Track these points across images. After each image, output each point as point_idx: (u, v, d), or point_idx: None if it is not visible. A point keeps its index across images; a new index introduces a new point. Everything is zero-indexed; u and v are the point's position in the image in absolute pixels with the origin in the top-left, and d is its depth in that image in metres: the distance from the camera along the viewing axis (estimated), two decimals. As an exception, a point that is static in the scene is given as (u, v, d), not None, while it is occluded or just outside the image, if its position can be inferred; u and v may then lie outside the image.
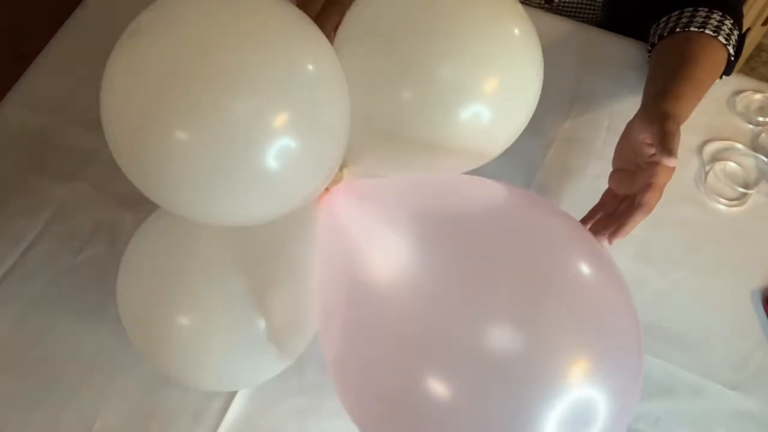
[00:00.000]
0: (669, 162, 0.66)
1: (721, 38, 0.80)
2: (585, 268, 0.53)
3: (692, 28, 0.80)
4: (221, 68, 0.48)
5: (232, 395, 0.73)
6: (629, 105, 0.90)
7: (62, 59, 0.95)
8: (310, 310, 0.63)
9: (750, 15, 1.39)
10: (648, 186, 0.67)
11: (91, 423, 0.72)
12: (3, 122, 0.89)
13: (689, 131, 0.89)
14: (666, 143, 0.67)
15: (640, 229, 0.83)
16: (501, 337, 0.48)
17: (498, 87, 0.59)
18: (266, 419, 0.73)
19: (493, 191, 0.59)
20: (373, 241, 0.55)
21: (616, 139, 0.76)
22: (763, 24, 1.42)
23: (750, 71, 1.66)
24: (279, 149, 0.49)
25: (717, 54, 0.81)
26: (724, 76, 0.85)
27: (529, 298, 0.50)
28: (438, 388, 0.49)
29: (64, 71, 0.93)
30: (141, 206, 0.83)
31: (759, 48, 1.62)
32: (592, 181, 0.85)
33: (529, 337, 0.48)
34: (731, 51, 0.82)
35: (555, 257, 0.53)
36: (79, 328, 0.77)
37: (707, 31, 0.80)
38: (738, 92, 0.91)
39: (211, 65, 0.48)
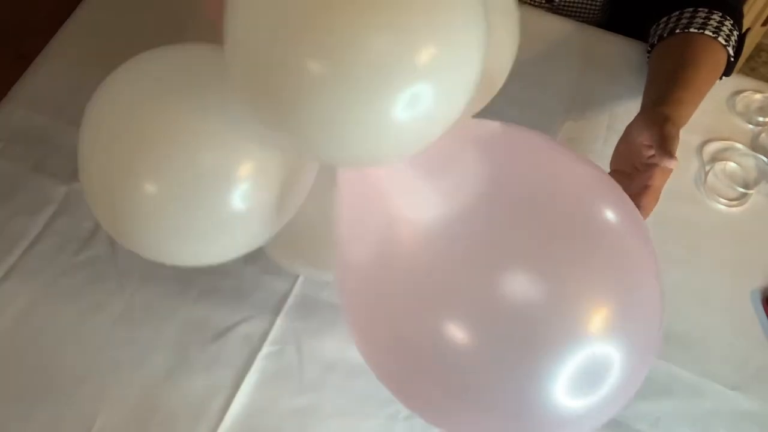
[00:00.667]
0: (669, 164, 0.66)
1: (720, 39, 0.80)
2: (610, 218, 0.52)
3: (692, 29, 0.80)
4: None
5: (232, 395, 0.73)
6: (629, 105, 0.90)
7: (62, 59, 0.95)
8: (288, 196, 0.58)
9: (750, 15, 1.39)
10: (645, 188, 0.67)
11: (91, 423, 0.72)
12: (3, 122, 0.89)
13: (689, 131, 0.90)
14: (665, 146, 0.67)
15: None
16: (521, 284, 0.47)
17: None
18: (266, 419, 0.73)
19: (520, 135, 0.58)
20: (406, 183, 0.54)
21: (616, 139, 0.76)
22: (763, 24, 1.42)
23: (750, 71, 1.66)
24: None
25: (717, 55, 0.81)
26: (724, 77, 0.85)
27: (553, 245, 0.49)
28: (455, 332, 0.48)
29: (64, 71, 0.93)
30: (141, 206, 0.83)
31: (759, 48, 1.62)
32: (592, 181, 0.85)
33: (550, 286, 0.48)
34: (731, 52, 0.81)
35: (580, 206, 0.52)
36: (79, 328, 0.77)
37: (707, 32, 0.80)
38: (738, 92, 0.91)
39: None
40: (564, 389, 0.48)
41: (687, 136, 0.89)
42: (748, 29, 0.85)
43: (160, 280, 0.79)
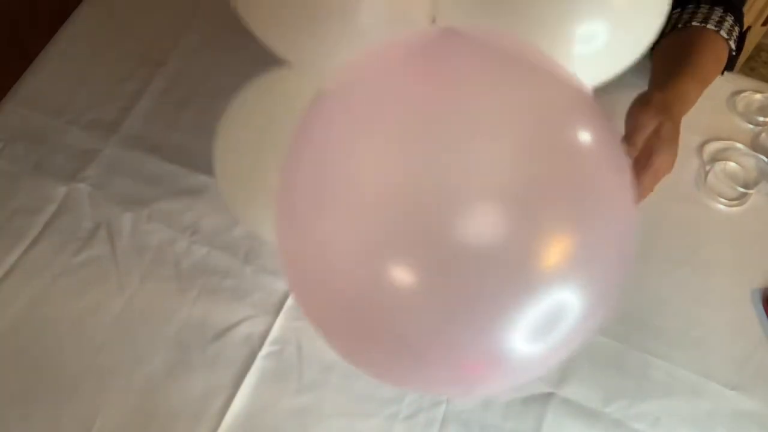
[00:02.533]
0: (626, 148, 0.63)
1: (723, 33, 0.80)
2: (581, 144, 0.46)
3: (694, 23, 0.81)
4: None
5: (232, 395, 0.73)
6: (629, 105, 0.90)
7: (62, 59, 0.95)
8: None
9: (750, 15, 1.39)
10: (645, 167, 0.65)
11: (91, 423, 0.72)
12: (3, 122, 0.89)
13: (689, 131, 0.90)
14: (631, 135, 0.65)
15: (640, 229, 0.83)
16: (479, 221, 0.42)
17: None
18: (266, 419, 0.73)
19: (486, 41, 0.50)
20: (354, 112, 0.48)
21: (616, 139, 0.76)
22: (763, 24, 1.42)
23: (750, 71, 1.66)
24: None
25: (719, 47, 0.81)
26: (725, 72, 0.85)
27: (517, 175, 0.43)
28: (404, 275, 0.43)
29: (64, 71, 0.93)
30: (141, 206, 0.83)
31: (759, 48, 1.62)
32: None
33: (506, 222, 0.42)
34: (732, 45, 0.82)
35: (546, 126, 0.45)
36: (79, 328, 0.77)
37: (709, 26, 0.80)
38: (738, 92, 0.91)
39: None
40: (519, 334, 0.44)
41: (687, 136, 0.89)
42: (749, 27, 0.85)
43: (160, 280, 0.79)
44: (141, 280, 0.79)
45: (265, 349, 0.76)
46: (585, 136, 0.46)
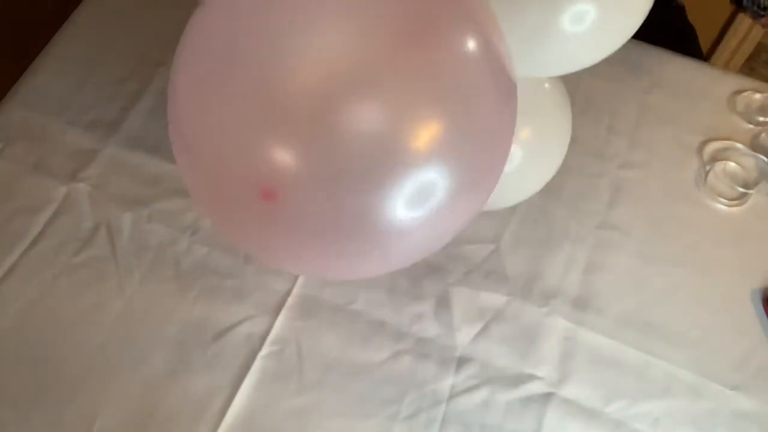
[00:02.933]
0: None
1: None
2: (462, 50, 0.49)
3: None
4: None
5: (232, 395, 0.73)
6: (629, 105, 0.90)
7: (62, 59, 0.95)
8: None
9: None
10: None
11: (91, 423, 0.72)
12: (3, 122, 0.89)
13: (689, 131, 0.90)
14: None
15: (640, 229, 0.83)
16: (356, 110, 0.46)
17: None
18: (266, 419, 0.73)
19: None
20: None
21: (617, 139, 0.76)
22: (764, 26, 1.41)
23: (750, 71, 1.66)
24: None
25: None
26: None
27: (391, 69, 0.47)
28: (289, 156, 0.47)
29: (64, 71, 0.93)
30: (141, 206, 0.83)
31: (759, 48, 1.62)
32: (591, 180, 0.85)
33: (381, 110, 0.46)
34: None
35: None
36: (79, 328, 0.77)
37: None
38: (738, 92, 0.91)
39: None
40: (395, 204, 0.48)
41: (687, 136, 0.89)
42: None
43: (160, 280, 0.79)
44: (141, 280, 0.79)
45: (265, 349, 0.76)
46: (465, 43, 0.50)
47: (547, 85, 0.72)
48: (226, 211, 0.54)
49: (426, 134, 0.47)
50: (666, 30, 1.10)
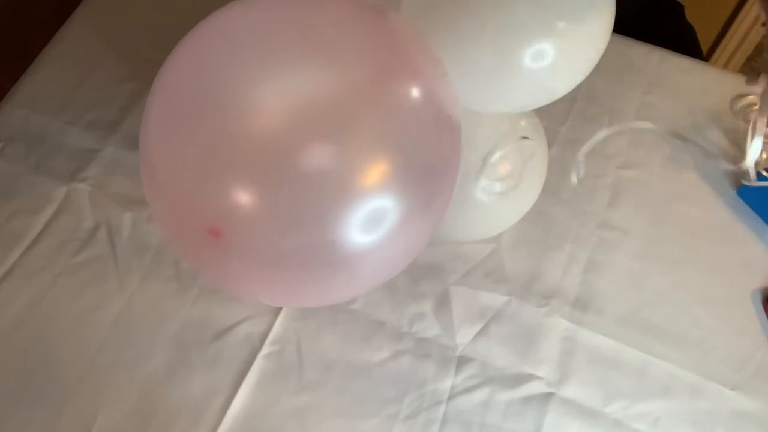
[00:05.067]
0: None
1: None
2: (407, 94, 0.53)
3: None
4: None
5: (232, 395, 0.73)
6: (629, 105, 0.90)
7: (62, 59, 0.95)
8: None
9: (750, 15, 1.39)
10: None
11: (91, 423, 0.72)
12: (3, 122, 0.89)
13: (690, 130, 0.90)
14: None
15: (640, 229, 0.83)
16: (311, 150, 0.49)
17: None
18: (266, 419, 0.73)
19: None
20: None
21: (617, 139, 0.76)
22: (763, 24, 1.42)
23: (750, 71, 1.66)
24: None
25: None
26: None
27: (340, 112, 0.51)
28: (245, 194, 0.50)
29: (64, 71, 0.93)
30: (141, 206, 0.83)
31: (759, 48, 1.62)
32: (591, 181, 0.85)
33: (334, 148, 0.50)
34: None
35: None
36: (79, 328, 0.77)
37: None
38: (739, 96, 0.91)
39: None
40: (349, 231, 0.51)
41: (686, 137, 0.89)
42: None
43: (160, 280, 0.79)
44: (141, 280, 0.79)
45: (265, 349, 0.76)
46: (409, 92, 0.54)
47: (523, 122, 0.74)
48: (184, 245, 0.58)
49: (375, 170, 0.51)
50: (666, 30, 1.10)
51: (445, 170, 0.57)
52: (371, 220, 0.51)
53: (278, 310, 0.78)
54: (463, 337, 0.77)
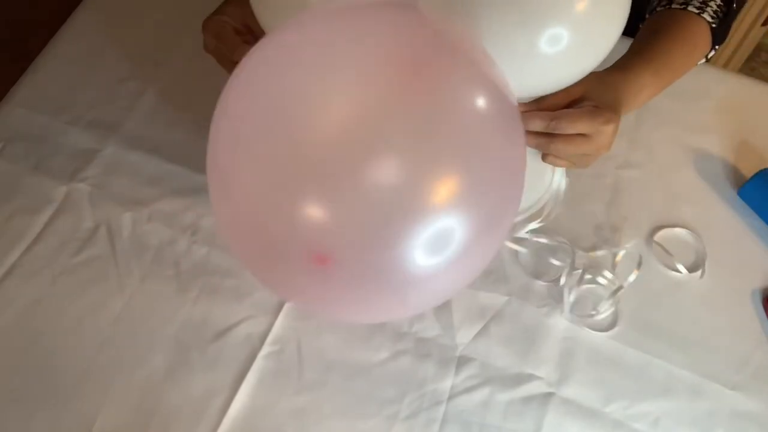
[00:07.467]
0: (529, 123, 0.64)
1: (706, 16, 0.76)
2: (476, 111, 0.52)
3: (674, 5, 0.78)
4: None
5: (232, 395, 0.73)
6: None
7: (62, 59, 0.95)
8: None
9: (750, 15, 1.39)
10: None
11: (91, 423, 0.72)
12: (3, 122, 0.89)
13: (689, 131, 0.90)
14: (562, 115, 0.64)
15: (640, 229, 0.83)
16: (382, 166, 0.49)
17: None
18: (266, 419, 0.73)
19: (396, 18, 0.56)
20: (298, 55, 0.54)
21: (616, 139, 0.76)
22: (763, 24, 1.42)
23: (750, 71, 1.66)
24: None
25: (695, 29, 0.77)
26: (717, 48, 0.82)
27: (413, 130, 0.50)
28: (317, 210, 0.50)
29: (64, 71, 0.93)
30: (141, 206, 0.83)
31: (759, 48, 1.62)
32: (591, 181, 0.85)
33: (403, 165, 0.49)
34: (709, 19, 0.77)
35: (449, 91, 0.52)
36: (79, 328, 0.77)
37: (690, 8, 0.76)
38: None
39: None
40: (416, 256, 0.51)
41: (687, 136, 0.89)
42: (744, 1, 0.81)
43: (160, 280, 0.79)
44: (141, 280, 0.79)
45: (265, 349, 0.76)
46: (478, 103, 0.53)
47: None
48: (265, 264, 0.58)
49: (444, 184, 0.50)
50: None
51: (514, 171, 0.56)
52: (438, 238, 0.50)
53: (278, 310, 0.78)
54: (463, 337, 0.77)
